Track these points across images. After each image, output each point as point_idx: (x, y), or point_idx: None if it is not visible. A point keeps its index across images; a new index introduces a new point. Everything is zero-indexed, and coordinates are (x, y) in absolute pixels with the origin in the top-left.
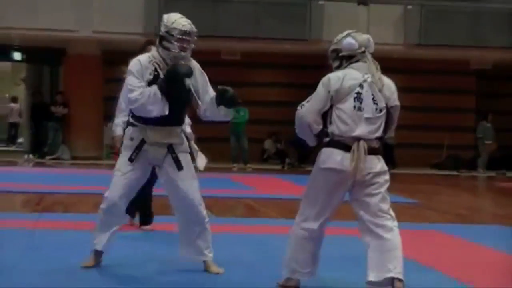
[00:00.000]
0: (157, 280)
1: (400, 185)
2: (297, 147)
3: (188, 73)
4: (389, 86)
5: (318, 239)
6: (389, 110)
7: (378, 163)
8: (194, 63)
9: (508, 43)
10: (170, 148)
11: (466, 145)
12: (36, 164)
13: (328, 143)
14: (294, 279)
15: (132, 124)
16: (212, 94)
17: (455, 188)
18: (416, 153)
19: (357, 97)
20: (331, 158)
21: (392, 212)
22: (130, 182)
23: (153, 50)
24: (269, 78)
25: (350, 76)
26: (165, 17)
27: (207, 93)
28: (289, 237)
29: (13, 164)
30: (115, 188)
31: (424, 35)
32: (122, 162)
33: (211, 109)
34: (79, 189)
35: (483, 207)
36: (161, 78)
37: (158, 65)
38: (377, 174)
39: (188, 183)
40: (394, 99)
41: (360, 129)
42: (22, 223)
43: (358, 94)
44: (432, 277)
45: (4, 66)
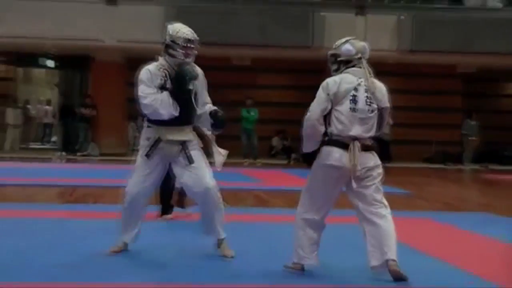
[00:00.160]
0: (178, 263)
1: (395, 177)
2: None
3: (194, 74)
4: (381, 89)
5: (320, 228)
6: (380, 111)
7: (372, 158)
8: (198, 69)
9: (491, 49)
10: (184, 144)
11: (454, 141)
12: (68, 160)
13: (328, 142)
14: (300, 263)
15: (148, 125)
16: (207, 100)
17: (443, 180)
18: (409, 149)
19: (353, 99)
20: (331, 155)
21: (385, 201)
22: (148, 177)
23: (161, 59)
24: (276, 81)
25: (345, 80)
26: (170, 27)
27: (204, 97)
28: (294, 227)
29: (47, 160)
30: (133, 183)
31: (416, 42)
32: (140, 160)
33: (203, 118)
34: (107, 182)
35: (468, 196)
36: (171, 85)
37: (167, 71)
38: (371, 168)
39: (199, 167)
40: (385, 101)
41: (355, 129)
42: (57, 213)
43: (354, 97)
44: (424, 260)
45: (39, 73)
